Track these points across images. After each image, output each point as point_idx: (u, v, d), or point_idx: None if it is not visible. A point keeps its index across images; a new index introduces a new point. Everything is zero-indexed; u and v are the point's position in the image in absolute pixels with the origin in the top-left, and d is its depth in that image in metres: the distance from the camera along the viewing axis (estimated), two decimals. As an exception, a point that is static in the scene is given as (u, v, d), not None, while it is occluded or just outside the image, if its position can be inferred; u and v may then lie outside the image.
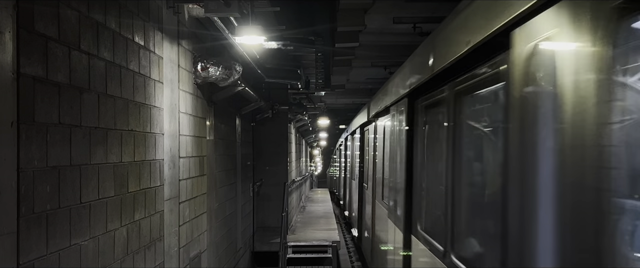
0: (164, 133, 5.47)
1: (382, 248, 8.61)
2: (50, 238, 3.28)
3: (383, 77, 14.02)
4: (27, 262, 3.04)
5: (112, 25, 4.21)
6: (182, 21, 6.13)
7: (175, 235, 5.90)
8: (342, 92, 20.02)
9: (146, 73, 4.97)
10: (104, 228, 4.06)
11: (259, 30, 6.43)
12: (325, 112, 22.92)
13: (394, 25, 9.80)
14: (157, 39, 5.30)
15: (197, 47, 6.74)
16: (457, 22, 3.93)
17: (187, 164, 6.38)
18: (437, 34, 4.70)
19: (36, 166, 3.14)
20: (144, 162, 4.92)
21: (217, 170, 8.66)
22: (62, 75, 3.43)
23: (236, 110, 10.68)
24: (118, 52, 4.32)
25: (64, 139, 3.46)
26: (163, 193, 5.47)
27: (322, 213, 19.46)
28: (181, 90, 6.09)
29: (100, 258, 3.99)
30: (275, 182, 14.51)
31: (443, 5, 8.57)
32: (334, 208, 22.79)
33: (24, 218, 3.00)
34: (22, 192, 3.00)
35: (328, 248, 13.19)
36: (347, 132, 20.58)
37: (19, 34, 2.98)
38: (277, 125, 14.83)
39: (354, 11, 8.81)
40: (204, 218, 7.36)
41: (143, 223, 4.89)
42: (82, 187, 3.69)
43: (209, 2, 5.75)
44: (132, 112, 4.63)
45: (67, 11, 3.51)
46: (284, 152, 15.08)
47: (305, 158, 31.27)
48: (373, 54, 12.68)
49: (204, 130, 7.33)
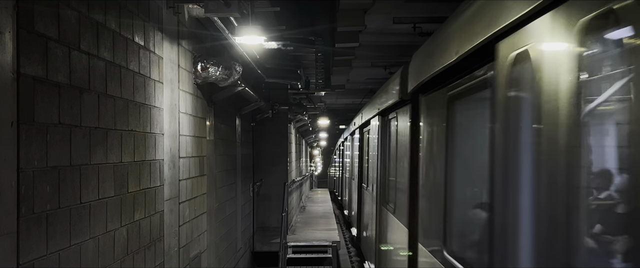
0: (164, 133, 5.47)
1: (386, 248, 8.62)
2: (50, 238, 3.28)
3: (383, 77, 14.02)
4: (27, 262, 3.04)
5: (112, 25, 4.21)
6: (182, 21, 6.13)
7: (175, 235, 5.89)
8: (342, 92, 20.02)
9: (146, 73, 4.97)
10: (104, 228, 4.06)
11: (259, 30, 6.43)
12: (325, 112, 22.90)
13: (394, 25, 9.79)
14: (157, 39, 5.30)
15: (197, 47, 6.74)
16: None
17: (187, 164, 6.38)
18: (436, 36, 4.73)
19: (36, 166, 3.14)
20: (144, 162, 4.92)
21: (217, 170, 8.66)
22: (62, 75, 3.43)
23: (236, 110, 10.68)
24: (118, 52, 4.32)
25: (64, 139, 3.46)
26: (163, 193, 5.47)
27: (322, 214, 19.46)
28: (181, 90, 6.09)
29: (100, 259, 3.98)
30: (275, 182, 14.51)
31: (443, 5, 8.57)
32: (334, 209, 22.79)
33: (24, 218, 3.00)
34: (22, 192, 3.00)
35: (328, 249, 13.20)
36: (347, 132, 20.59)
37: (19, 34, 2.98)
38: (277, 126, 14.83)
39: (354, 11, 8.81)
40: (203, 219, 7.36)
41: (143, 223, 4.89)
42: (82, 187, 3.69)
43: (209, 2, 5.75)
44: (132, 112, 4.63)
45: (67, 11, 3.51)
46: (284, 152, 15.08)
47: (305, 159, 31.27)
48: (373, 54, 12.67)
49: (204, 130, 7.33)
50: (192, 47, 6.52)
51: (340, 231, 18.30)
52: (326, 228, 15.38)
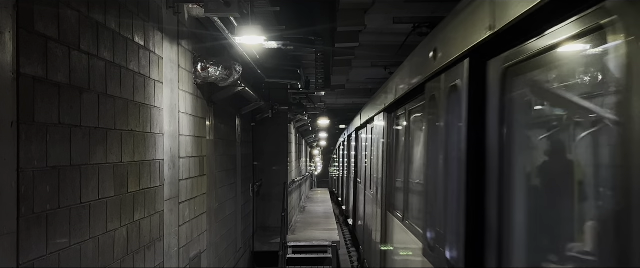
0: (163, 133, 5.47)
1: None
2: (50, 238, 3.28)
3: (383, 77, 14.00)
4: (27, 262, 3.04)
5: (112, 25, 4.21)
6: (182, 21, 6.13)
7: (175, 235, 5.90)
8: (342, 92, 20.01)
9: (146, 73, 4.97)
10: (104, 228, 4.06)
11: (259, 30, 6.43)
12: (325, 112, 22.92)
13: (394, 25, 9.78)
14: (157, 39, 5.30)
15: (197, 47, 6.74)
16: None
17: (187, 164, 6.38)
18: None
19: (36, 166, 3.14)
20: (144, 162, 4.92)
21: (217, 170, 8.66)
22: (62, 75, 3.43)
23: (236, 110, 10.68)
24: (118, 52, 4.32)
25: (63, 139, 3.46)
26: (163, 193, 5.47)
27: (322, 213, 19.46)
28: (181, 90, 6.09)
29: (100, 258, 3.99)
30: (275, 182, 14.51)
31: (443, 5, 8.56)
32: (334, 209, 22.77)
33: (23, 218, 3.00)
34: (22, 192, 3.00)
35: (328, 249, 13.20)
36: (348, 132, 20.48)
37: (19, 34, 2.98)
38: (277, 125, 14.83)
39: (354, 11, 8.80)
40: (203, 219, 7.36)
41: (143, 223, 4.89)
42: (82, 187, 3.69)
43: (209, 2, 5.75)
44: (132, 112, 4.63)
45: (67, 11, 3.51)
46: (284, 152, 15.07)
47: (305, 158, 31.27)
48: (373, 54, 12.66)
49: (204, 130, 7.33)
50: (192, 47, 6.52)
51: (339, 230, 18.29)
52: (326, 228, 15.38)
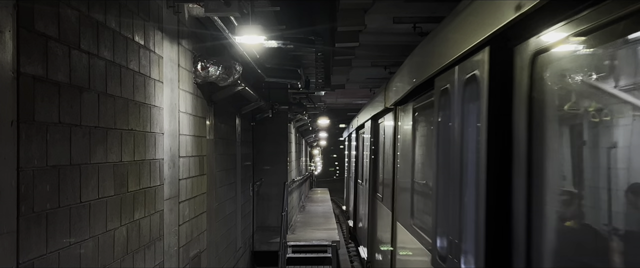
0: (163, 132, 5.47)
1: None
2: (50, 237, 3.28)
3: (383, 77, 14.01)
4: (27, 261, 3.04)
5: (112, 24, 4.21)
6: (182, 21, 6.13)
7: (175, 235, 5.90)
8: (342, 92, 20.00)
9: (146, 72, 4.97)
10: (104, 227, 4.07)
11: (259, 29, 6.43)
12: (325, 111, 22.92)
13: (394, 25, 9.79)
14: (157, 38, 5.30)
15: (197, 46, 6.74)
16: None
17: (186, 164, 6.38)
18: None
19: (36, 165, 3.14)
20: (144, 162, 4.92)
21: (217, 169, 8.66)
22: (62, 75, 3.43)
23: (236, 110, 10.69)
24: (118, 51, 4.32)
25: (63, 138, 3.46)
26: (163, 192, 5.48)
27: (322, 213, 19.47)
28: (181, 90, 6.09)
29: (100, 258, 3.99)
30: (275, 182, 14.51)
31: (443, 5, 8.56)
32: (334, 208, 22.77)
33: (23, 217, 3.00)
34: (22, 191, 3.00)
35: (328, 248, 13.20)
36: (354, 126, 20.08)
37: (19, 33, 2.98)
38: (277, 125, 14.84)
39: (354, 11, 8.80)
40: (203, 218, 7.36)
41: (143, 222, 4.89)
42: (82, 186, 3.70)
43: (209, 2, 5.74)
44: (132, 112, 4.63)
45: (67, 10, 3.51)
46: (284, 152, 15.08)
47: (305, 158, 31.28)
48: (373, 54, 12.67)
49: (203, 130, 7.33)
50: (192, 46, 6.52)
51: (339, 230, 18.29)
52: (326, 228, 15.38)
